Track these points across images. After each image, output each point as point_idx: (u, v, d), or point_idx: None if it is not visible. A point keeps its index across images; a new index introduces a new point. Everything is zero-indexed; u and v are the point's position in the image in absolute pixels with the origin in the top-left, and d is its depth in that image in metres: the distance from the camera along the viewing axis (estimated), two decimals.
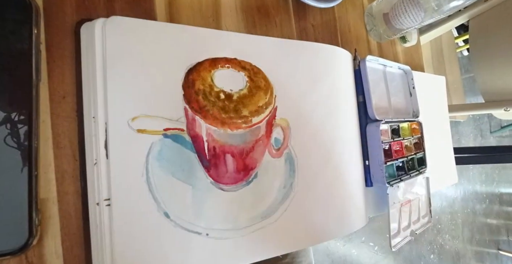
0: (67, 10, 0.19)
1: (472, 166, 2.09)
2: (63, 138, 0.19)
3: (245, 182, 0.22)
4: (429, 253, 1.63)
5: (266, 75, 0.25)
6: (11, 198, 0.16)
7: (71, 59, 0.19)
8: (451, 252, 1.80)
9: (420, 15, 0.34)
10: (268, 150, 0.24)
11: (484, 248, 2.13)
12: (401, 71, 0.39)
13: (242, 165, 0.22)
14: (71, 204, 0.18)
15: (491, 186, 2.29)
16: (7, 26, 0.16)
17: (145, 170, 0.19)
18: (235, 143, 0.22)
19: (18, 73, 0.17)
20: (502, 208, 2.37)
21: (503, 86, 0.75)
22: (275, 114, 0.25)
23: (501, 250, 2.26)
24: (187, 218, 0.20)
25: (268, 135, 0.24)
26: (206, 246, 0.20)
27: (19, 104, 0.16)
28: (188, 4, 0.25)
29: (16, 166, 0.16)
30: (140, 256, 0.18)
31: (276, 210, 0.23)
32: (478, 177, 2.18)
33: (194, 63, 0.21)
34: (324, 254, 1.11)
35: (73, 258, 0.18)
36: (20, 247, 0.16)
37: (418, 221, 0.36)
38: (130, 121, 0.18)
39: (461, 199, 1.96)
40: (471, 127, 2.12)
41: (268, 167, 0.24)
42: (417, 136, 0.38)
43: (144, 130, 0.19)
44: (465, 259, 1.91)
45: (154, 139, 0.19)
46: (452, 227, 1.85)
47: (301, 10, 0.33)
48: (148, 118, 0.19)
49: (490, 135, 2.27)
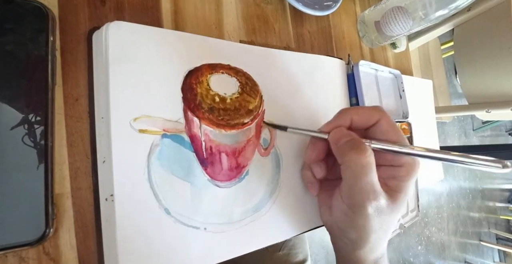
0: (81, 19, 0.20)
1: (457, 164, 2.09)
2: (76, 138, 0.19)
3: (238, 179, 0.22)
4: (417, 245, 1.64)
5: (256, 81, 0.25)
6: (29, 193, 0.16)
7: (84, 64, 0.19)
8: (437, 243, 1.80)
9: (409, 23, 0.34)
10: (257, 150, 0.24)
11: (467, 240, 2.14)
12: (391, 75, 0.39)
13: (235, 163, 0.22)
14: (83, 199, 0.18)
15: (474, 182, 2.30)
16: (26, 34, 0.16)
17: (147, 168, 0.18)
18: (229, 143, 0.22)
19: (35, 78, 0.17)
20: (483, 202, 2.38)
21: (485, 90, 0.75)
22: (264, 117, 0.25)
23: (483, 241, 2.27)
24: (186, 214, 0.19)
25: (257, 135, 0.24)
26: (204, 240, 0.20)
27: (36, 106, 0.16)
28: (193, 12, 0.25)
29: (33, 163, 0.16)
30: (144, 249, 0.18)
31: (265, 204, 0.24)
32: (462, 174, 2.18)
33: (192, 68, 0.21)
34: (320, 246, 1.11)
35: (85, 249, 0.18)
36: (38, 238, 0.16)
37: (407, 215, 0.37)
38: (132, 121, 0.18)
39: (446, 194, 1.97)
40: (456, 127, 2.13)
41: (258, 165, 0.24)
42: (407, 136, 0.38)
43: (146, 130, 0.19)
44: (450, 250, 1.92)
45: (154, 139, 0.19)
46: (438, 221, 1.85)
47: (298, 18, 0.33)
48: (149, 119, 0.19)
49: (473, 135, 2.28)
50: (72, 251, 0.17)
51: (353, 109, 0.22)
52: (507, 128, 2.69)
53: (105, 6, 0.21)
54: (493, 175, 2.55)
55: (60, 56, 0.18)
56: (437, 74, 1.00)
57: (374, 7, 0.38)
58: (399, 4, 0.34)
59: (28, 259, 0.16)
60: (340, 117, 0.22)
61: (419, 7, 0.33)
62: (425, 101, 0.49)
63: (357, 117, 0.22)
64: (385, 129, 0.21)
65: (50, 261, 0.17)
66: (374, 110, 0.22)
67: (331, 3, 0.34)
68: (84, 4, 0.20)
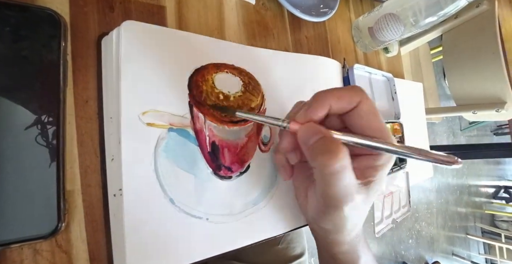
0: (90, 25, 0.20)
1: None
2: (86, 137, 0.19)
3: (239, 173, 0.22)
4: (408, 238, 1.64)
5: (258, 80, 0.25)
6: (42, 190, 0.16)
7: (93, 68, 0.19)
8: (426, 237, 1.81)
9: (400, 29, 0.35)
10: (258, 145, 0.24)
11: (454, 233, 2.15)
12: (384, 78, 0.39)
13: (237, 157, 0.22)
14: (93, 195, 0.18)
15: (461, 179, 2.31)
16: (40, 40, 0.17)
17: (153, 160, 0.18)
18: (231, 139, 0.22)
19: (48, 81, 0.17)
20: (470, 198, 2.39)
21: (471, 92, 0.75)
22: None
23: (469, 234, 2.28)
24: (189, 204, 0.20)
25: (258, 132, 0.24)
26: (206, 230, 0.20)
27: (48, 108, 0.16)
28: (196, 18, 0.25)
29: (45, 162, 0.16)
30: (149, 240, 0.18)
31: (264, 197, 0.24)
32: (450, 171, 2.19)
33: (199, 66, 0.21)
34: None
35: (95, 242, 0.18)
36: (51, 232, 0.16)
37: (399, 210, 0.37)
38: (141, 115, 0.18)
39: (436, 190, 1.98)
40: (445, 128, 2.14)
41: (258, 160, 0.24)
42: (399, 136, 0.38)
43: (153, 124, 0.19)
44: (439, 243, 1.93)
45: (161, 132, 0.19)
46: (428, 216, 1.86)
47: (296, 23, 0.33)
48: (157, 113, 0.19)
49: (460, 135, 2.28)
50: (82, 244, 0.17)
51: (331, 94, 0.18)
52: (492, 128, 2.70)
53: (114, 12, 0.21)
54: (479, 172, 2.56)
55: (71, 61, 0.18)
56: (427, 77, 1.01)
57: (368, 14, 0.38)
58: (391, 11, 0.34)
59: (42, 251, 0.16)
60: (316, 105, 0.18)
61: (409, 14, 0.33)
62: (415, 103, 0.49)
63: (336, 103, 0.18)
64: (366, 113, 0.18)
65: (62, 253, 0.17)
66: (355, 92, 0.18)
67: (327, 10, 0.34)
68: (94, 11, 0.20)
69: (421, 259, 1.72)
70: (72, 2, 0.19)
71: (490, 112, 0.72)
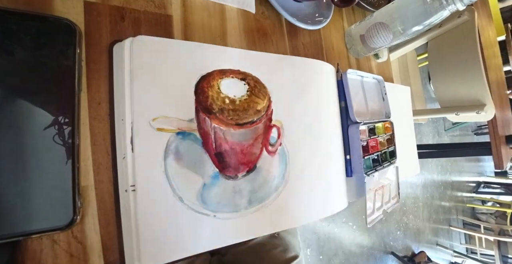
0: (103, 33, 0.20)
1: (431, 160, 2.11)
2: (98, 137, 0.19)
3: (245, 172, 0.22)
4: (396, 230, 1.65)
5: (264, 83, 0.25)
6: (59, 185, 0.16)
7: (105, 73, 0.19)
8: (413, 229, 1.82)
9: (389, 37, 0.35)
10: (265, 147, 0.24)
11: (439, 225, 2.16)
12: (375, 80, 0.40)
13: (243, 159, 0.22)
14: (105, 190, 0.18)
15: (445, 176, 2.32)
16: (57, 48, 0.17)
17: (163, 162, 0.19)
18: (237, 141, 0.22)
19: (64, 85, 0.17)
20: (453, 193, 2.40)
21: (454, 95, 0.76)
22: (271, 117, 0.25)
23: (452, 226, 2.29)
24: (197, 202, 0.20)
25: (265, 134, 0.24)
26: (213, 226, 0.20)
27: (65, 110, 0.17)
28: (200, 26, 0.25)
29: (62, 159, 0.16)
30: (160, 233, 0.18)
31: (270, 196, 0.23)
32: (435, 168, 2.20)
33: (204, 73, 0.21)
34: (312, 232, 1.12)
35: (107, 234, 0.18)
36: (67, 224, 0.16)
37: (389, 201, 0.37)
38: (151, 121, 0.18)
39: (422, 186, 1.98)
40: (430, 128, 2.14)
41: (266, 160, 0.24)
42: (389, 133, 0.38)
43: (163, 129, 0.19)
44: (424, 234, 1.94)
45: (170, 136, 0.19)
46: (415, 209, 1.87)
47: (293, 31, 0.33)
48: (166, 119, 0.19)
49: (444, 134, 2.29)
50: (96, 235, 0.18)
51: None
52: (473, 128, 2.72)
53: (124, 22, 0.21)
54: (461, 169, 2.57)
55: (85, 66, 0.18)
56: (414, 81, 1.01)
57: (359, 23, 0.38)
58: (381, 20, 0.34)
59: (59, 241, 0.16)
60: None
61: (398, 23, 0.33)
62: (404, 105, 0.50)
63: None
64: None
65: (78, 243, 0.17)
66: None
67: (322, 19, 0.34)
68: (106, 20, 0.20)
69: (408, 249, 1.73)
70: (86, 12, 0.19)
71: (471, 114, 0.72)
